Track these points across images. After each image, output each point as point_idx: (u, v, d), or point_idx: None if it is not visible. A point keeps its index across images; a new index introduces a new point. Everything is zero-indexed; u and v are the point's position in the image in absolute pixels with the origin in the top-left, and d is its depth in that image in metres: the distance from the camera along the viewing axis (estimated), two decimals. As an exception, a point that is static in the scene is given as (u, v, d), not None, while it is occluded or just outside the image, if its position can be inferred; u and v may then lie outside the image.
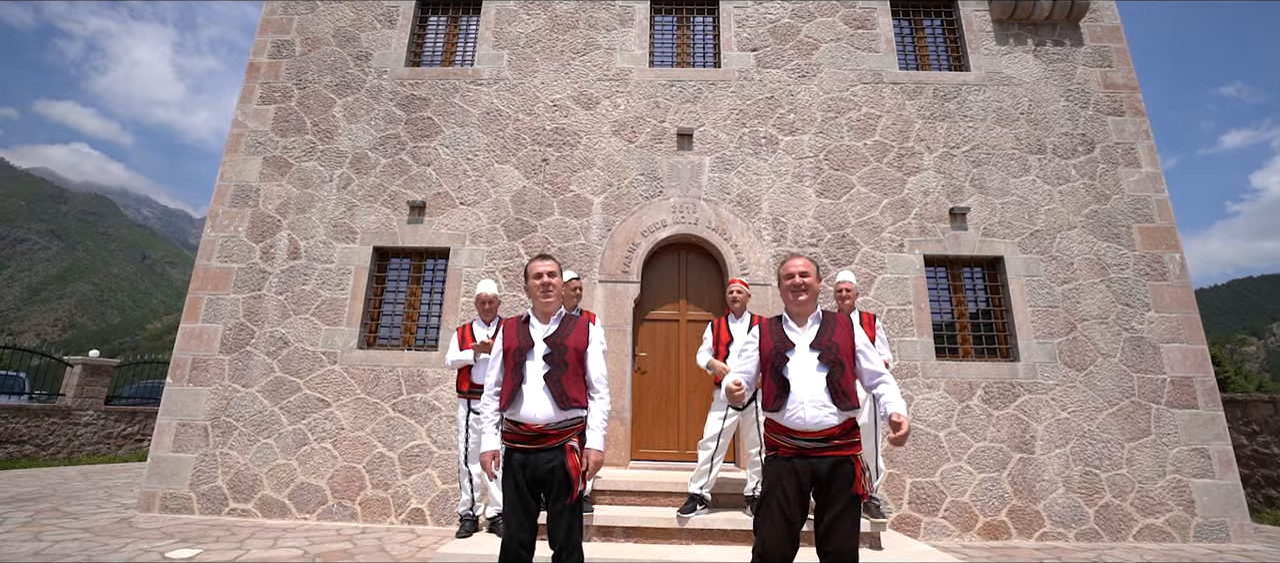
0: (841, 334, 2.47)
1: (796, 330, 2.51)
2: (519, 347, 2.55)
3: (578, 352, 2.57)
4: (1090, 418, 5.24)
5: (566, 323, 2.65)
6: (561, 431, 2.47)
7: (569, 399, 2.48)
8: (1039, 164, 5.96)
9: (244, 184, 6.06)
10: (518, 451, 2.48)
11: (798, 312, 2.54)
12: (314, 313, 5.64)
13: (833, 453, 2.31)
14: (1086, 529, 4.99)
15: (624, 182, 5.93)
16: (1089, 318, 5.50)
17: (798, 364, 2.40)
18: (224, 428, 5.37)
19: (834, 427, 2.32)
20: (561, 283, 2.67)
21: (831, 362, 2.38)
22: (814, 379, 2.36)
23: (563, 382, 2.49)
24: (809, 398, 2.33)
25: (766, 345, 2.51)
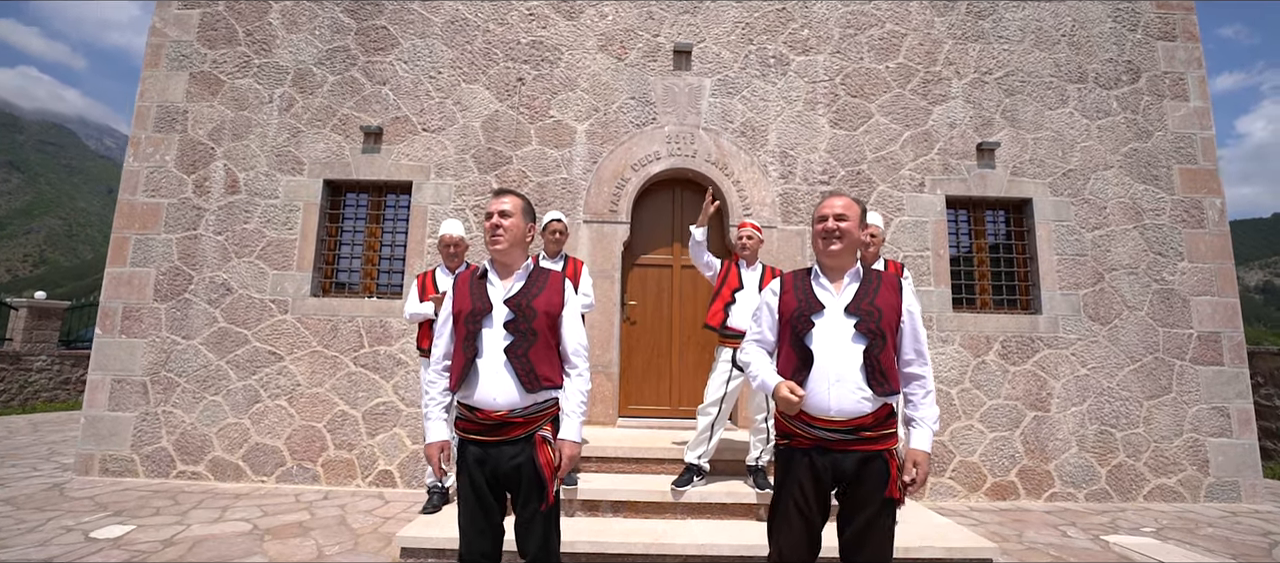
0: (886, 296, 1.93)
1: (829, 289, 1.96)
2: (473, 310, 1.97)
3: (549, 316, 1.99)
4: (1110, 375, 4.90)
5: (536, 279, 2.06)
6: (530, 418, 1.94)
7: (538, 378, 1.94)
8: (1078, 95, 5.31)
9: (169, 105, 5.19)
10: (474, 443, 1.95)
11: (831, 264, 1.98)
12: (259, 255, 4.97)
13: (862, 447, 1.83)
14: (1097, 490, 4.75)
15: (612, 106, 5.18)
16: (1118, 268, 5.05)
17: (827, 332, 1.88)
18: (165, 384, 4.81)
19: (866, 415, 1.83)
20: (520, 225, 2.04)
21: (871, 332, 1.85)
22: (846, 353, 1.84)
23: (530, 356, 1.93)
24: (838, 376, 1.82)
25: (788, 305, 1.97)
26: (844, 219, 1.97)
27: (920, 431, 1.92)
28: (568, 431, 1.99)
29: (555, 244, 3.67)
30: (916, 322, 1.98)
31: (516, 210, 2.05)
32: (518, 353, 1.93)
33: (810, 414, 1.86)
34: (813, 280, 2.01)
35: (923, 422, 1.92)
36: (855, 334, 1.87)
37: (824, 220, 1.98)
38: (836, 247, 1.96)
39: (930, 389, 1.98)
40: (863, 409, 1.83)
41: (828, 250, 1.97)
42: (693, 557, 3.09)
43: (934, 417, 1.95)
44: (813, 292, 1.98)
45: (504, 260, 2.06)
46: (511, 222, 2.03)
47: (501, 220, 2.01)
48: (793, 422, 1.93)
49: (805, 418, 1.88)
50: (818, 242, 2.00)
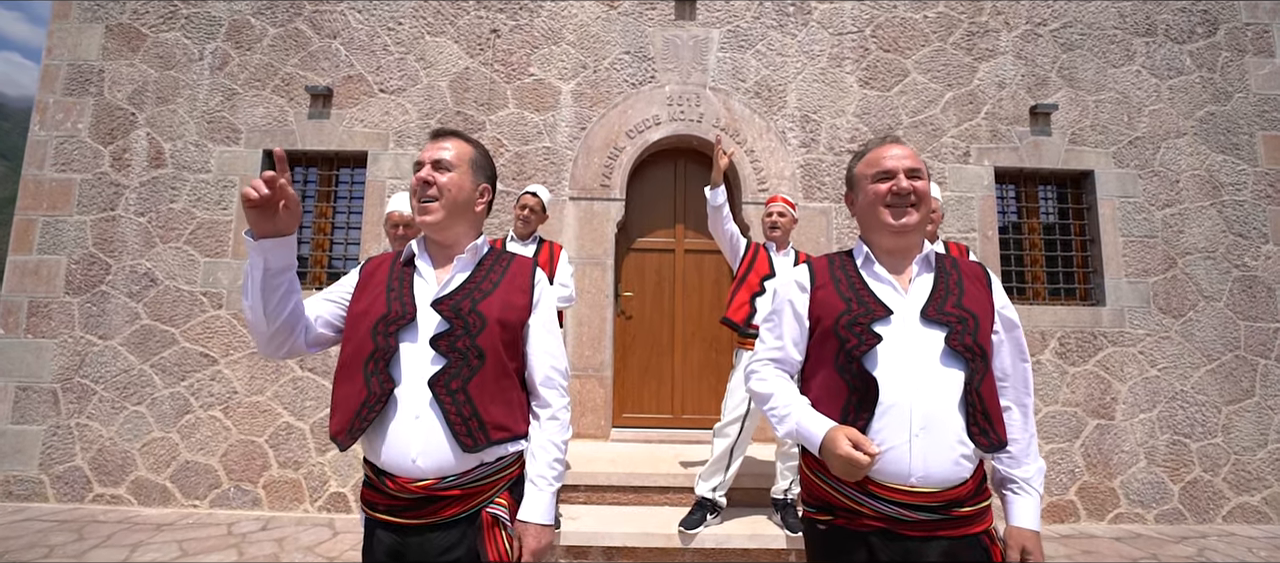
0: (976, 294, 1.28)
1: (890, 282, 1.29)
2: (387, 315, 1.25)
3: (506, 328, 1.28)
4: (1184, 377, 4.22)
5: (488, 269, 1.35)
6: (471, 489, 1.24)
7: (485, 427, 1.23)
8: (1146, 50, 4.55)
9: (81, 63, 4.40)
10: (386, 527, 1.24)
11: (895, 246, 1.31)
12: (188, 240, 4.22)
13: (952, 530, 1.17)
14: (1168, 510, 4.09)
15: (603, 62, 4.40)
16: (1193, 251, 4.34)
17: (901, 351, 1.21)
18: (80, 392, 4.08)
19: (964, 483, 1.18)
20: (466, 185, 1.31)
21: (969, 350, 1.19)
22: (936, 385, 1.18)
23: (472, 391, 1.23)
24: (924, 422, 1.16)
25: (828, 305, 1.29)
26: (918, 177, 1.27)
27: (1027, 499, 1.26)
28: (532, 508, 1.27)
29: (526, 224, 2.93)
30: (1019, 334, 1.31)
31: (462, 160, 1.32)
32: (452, 388, 1.21)
33: (875, 481, 1.19)
34: (865, 270, 1.32)
35: (1028, 486, 1.26)
36: (946, 354, 1.19)
37: (889, 177, 1.27)
38: (912, 218, 1.27)
39: (1034, 433, 1.31)
40: (960, 474, 1.18)
41: (900, 224, 1.27)
42: (706, 623, 2.41)
43: (1042, 475, 1.28)
44: (866, 287, 1.28)
45: (440, 239, 1.34)
46: (452, 180, 1.29)
47: (436, 174, 1.29)
48: (840, 488, 1.23)
49: (869, 487, 1.19)
50: (880, 211, 1.28)
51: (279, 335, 1.21)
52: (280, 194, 1.14)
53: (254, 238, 1.16)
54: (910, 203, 1.26)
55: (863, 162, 1.34)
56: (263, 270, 1.16)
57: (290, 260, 1.21)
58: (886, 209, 1.27)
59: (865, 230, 1.36)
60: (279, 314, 1.20)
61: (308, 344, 1.28)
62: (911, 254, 1.31)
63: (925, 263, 1.31)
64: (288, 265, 1.20)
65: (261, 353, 1.26)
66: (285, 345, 1.24)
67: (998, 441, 1.20)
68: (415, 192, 1.30)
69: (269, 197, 1.12)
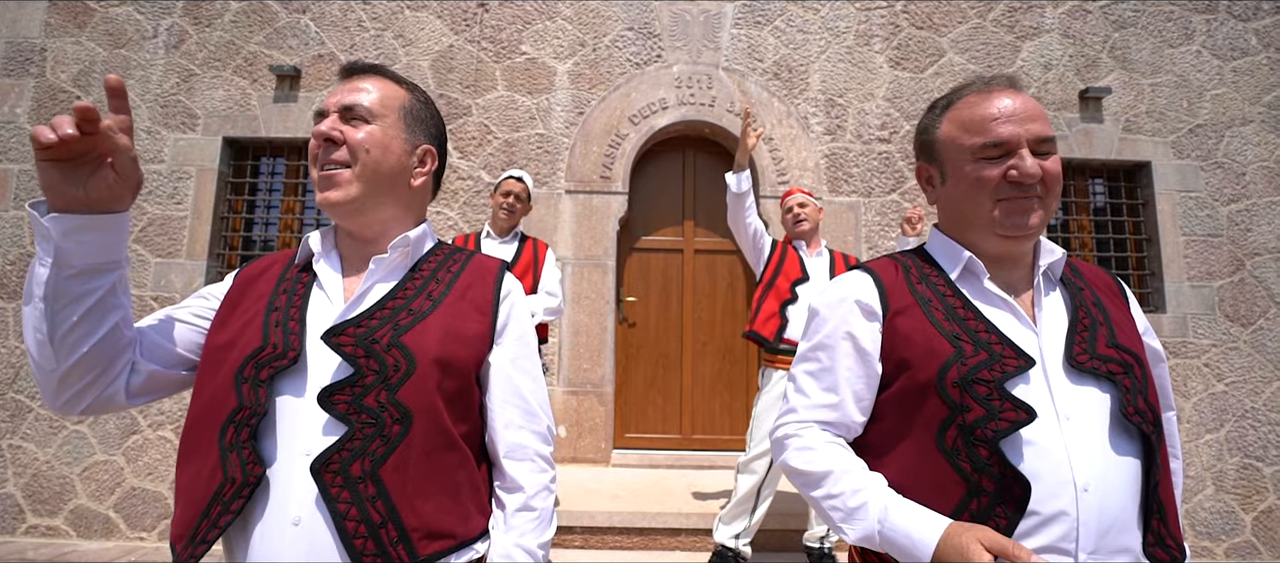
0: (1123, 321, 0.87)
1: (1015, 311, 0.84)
2: (258, 351, 0.78)
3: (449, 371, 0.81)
4: (1255, 393, 3.76)
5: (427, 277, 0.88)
6: None
7: (409, 536, 0.76)
8: (1207, 28, 4.10)
9: (21, 40, 3.94)
10: None
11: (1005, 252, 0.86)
12: (138, 239, 3.76)
13: None
14: (1240, 543, 3.64)
15: (603, 39, 3.94)
16: (1263, 252, 3.89)
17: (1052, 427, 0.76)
18: (14, 410, 3.62)
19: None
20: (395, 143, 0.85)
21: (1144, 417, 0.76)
22: (1112, 479, 0.74)
23: (387, 479, 0.75)
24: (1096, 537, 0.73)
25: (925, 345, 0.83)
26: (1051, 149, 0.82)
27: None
28: None
29: (511, 215, 2.47)
30: (1165, 371, 0.91)
31: (389, 107, 0.86)
32: (352, 474, 0.74)
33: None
34: (964, 286, 0.87)
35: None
36: (1117, 426, 0.76)
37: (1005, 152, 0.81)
38: (1037, 219, 0.82)
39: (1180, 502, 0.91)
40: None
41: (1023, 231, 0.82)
42: None
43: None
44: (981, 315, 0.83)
45: (356, 230, 0.88)
46: (372, 136, 0.83)
47: (345, 127, 0.82)
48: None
49: None
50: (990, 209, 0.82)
51: (75, 377, 0.75)
52: (101, 140, 0.68)
53: (44, 211, 0.70)
54: (1037, 195, 0.80)
55: (954, 118, 0.86)
56: (54, 268, 0.70)
57: (112, 256, 0.74)
58: (1000, 204, 0.81)
59: (957, 225, 0.89)
60: (79, 345, 0.73)
61: (129, 394, 0.80)
62: (1027, 259, 0.87)
63: (1047, 275, 0.87)
64: (105, 264, 0.74)
65: (47, 404, 0.78)
66: (87, 396, 0.77)
67: (1178, 550, 0.76)
68: (315, 156, 0.84)
69: (74, 141, 0.66)
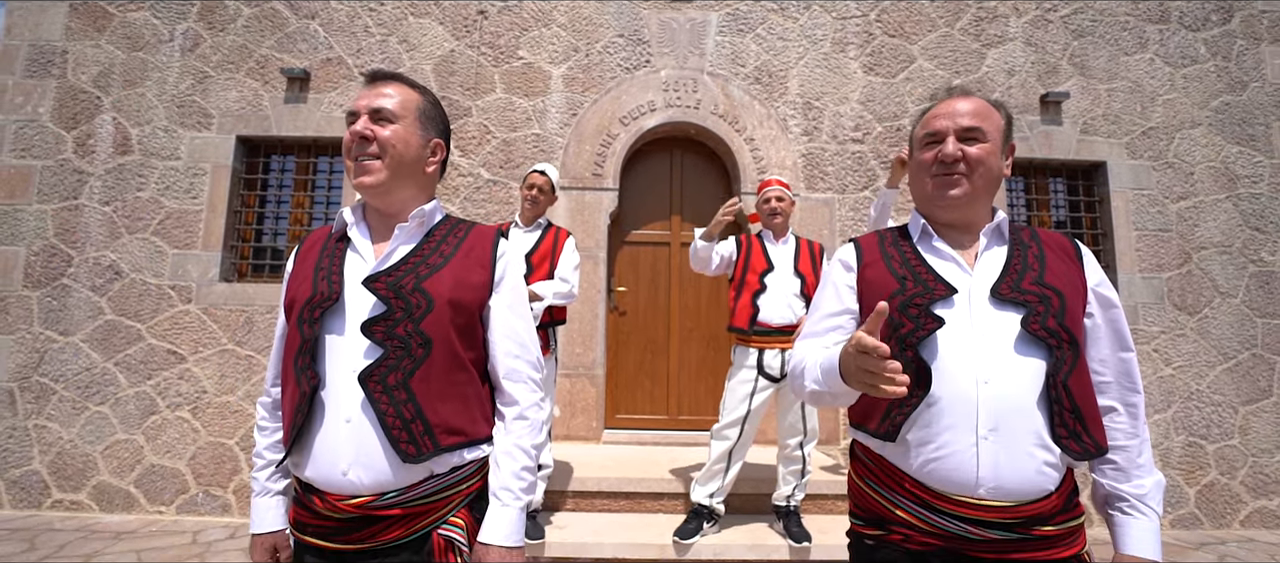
0: (1061, 270, 1.07)
1: (954, 258, 1.10)
2: (312, 298, 1.05)
3: (459, 309, 1.07)
4: (1200, 376, 4.05)
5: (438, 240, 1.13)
6: (417, 507, 1.03)
7: (434, 431, 1.02)
8: (1160, 37, 4.39)
9: (43, 44, 4.16)
10: (314, 553, 1.03)
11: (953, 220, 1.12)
12: (156, 231, 3.98)
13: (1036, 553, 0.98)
14: (1185, 514, 3.93)
15: (595, 46, 4.19)
16: (1208, 246, 4.18)
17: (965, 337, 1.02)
18: (38, 392, 3.84)
19: (1048, 496, 0.98)
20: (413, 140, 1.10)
21: (1053, 335, 0.99)
22: (1010, 377, 0.98)
23: (415, 388, 1.02)
24: (994, 422, 0.97)
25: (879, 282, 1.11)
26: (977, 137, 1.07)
27: (1141, 521, 1.03)
28: (495, 528, 1.05)
29: (535, 206, 2.69)
30: (1118, 315, 1.08)
31: (408, 109, 1.09)
32: (389, 383, 1.00)
33: (935, 490, 1.00)
34: (920, 244, 1.12)
35: (1142, 504, 1.03)
36: (1022, 339, 0.99)
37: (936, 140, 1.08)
38: (961, 190, 1.06)
39: (1147, 440, 1.08)
40: (1043, 485, 0.97)
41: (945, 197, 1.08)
42: (704, 644, 2.21)
43: (1160, 491, 1.05)
44: (924, 262, 1.09)
45: (383, 207, 1.12)
46: (396, 133, 1.07)
47: (375, 126, 1.06)
48: (893, 497, 1.05)
49: (923, 493, 1.01)
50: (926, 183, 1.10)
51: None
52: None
53: None
54: (959, 172, 1.06)
55: (919, 121, 1.16)
56: None
57: None
58: (932, 180, 1.08)
59: (916, 200, 1.17)
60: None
61: None
62: (978, 226, 1.11)
63: (996, 234, 1.11)
64: None
65: None
66: None
67: (1094, 446, 0.98)
68: (350, 150, 1.09)
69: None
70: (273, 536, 1.12)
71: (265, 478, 1.15)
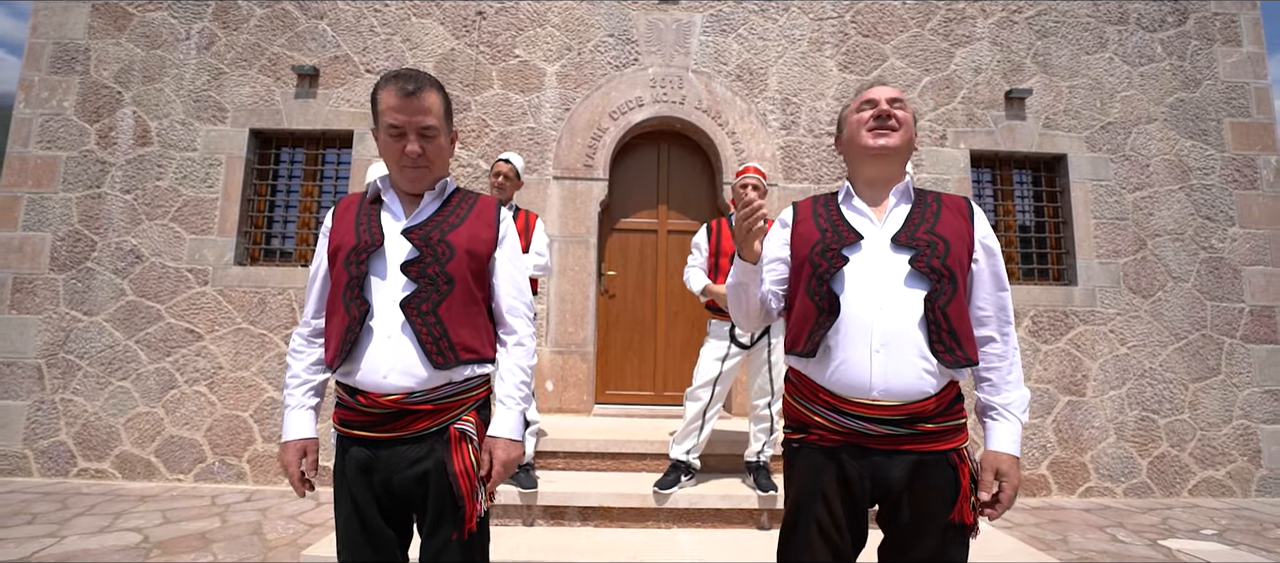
0: (952, 222, 1.31)
1: (867, 214, 1.35)
2: (357, 246, 1.31)
3: (474, 256, 1.35)
4: (1153, 355, 4.33)
5: (455, 204, 1.41)
6: (441, 405, 1.31)
7: (454, 347, 1.30)
8: (1119, 38, 4.67)
9: (67, 42, 4.42)
10: (359, 443, 1.31)
11: (877, 174, 1.36)
12: (174, 218, 4.24)
13: (919, 445, 1.23)
14: (1137, 484, 4.20)
15: (587, 45, 4.47)
16: (1162, 233, 4.46)
17: (866, 273, 1.27)
18: (64, 368, 4.10)
19: (928, 399, 1.22)
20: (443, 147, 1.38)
21: (935, 271, 1.24)
22: (897, 304, 1.24)
23: (442, 313, 1.29)
24: (884, 338, 1.22)
25: (806, 234, 1.36)
26: (901, 106, 1.33)
27: (1005, 424, 1.28)
28: (501, 425, 1.34)
29: (501, 192, 2.98)
30: (998, 263, 1.33)
31: (440, 118, 1.35)
32: (422, 309, 1.28)
33: (839, 394, 1.25)
34: (844, 205, 1.38)
35: (1007, 411, 1.29)
36: (910, 275, 1.25)
37: (872, 104, 1.34)
38: (890, 140, 1.32)
39: (1016, 362, 1.33)
40: (923, 389, 1.22)
41: (880, 150, 1.32)
42: (678, 577, 2.48)
43: (1023, 403, 1.30)
44: (843, 217, 1.35)
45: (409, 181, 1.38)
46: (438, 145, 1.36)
47: (425, 145, 1.32)
48: (813, 405, 1.30)
49: (832, 400, 1.26)
50: (862, 136, 1.34)
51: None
52: None
53: None
54: (891, 125, 1.31)
55: (848, 107, 1.41)
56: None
57: None
58: (867, 132, 1.33)
59: (850, 162, 1.41)
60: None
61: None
62: (891, 184, 1.36)
63: (903, 194, 1.36)
64: None
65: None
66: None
67: (965, 358, 1.22)
68: (401, 161, 1.33)
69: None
70: (304, 441, 1.38)
71: (300, 395, 1.41)
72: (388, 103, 1.30)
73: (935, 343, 1.22)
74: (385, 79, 1.33)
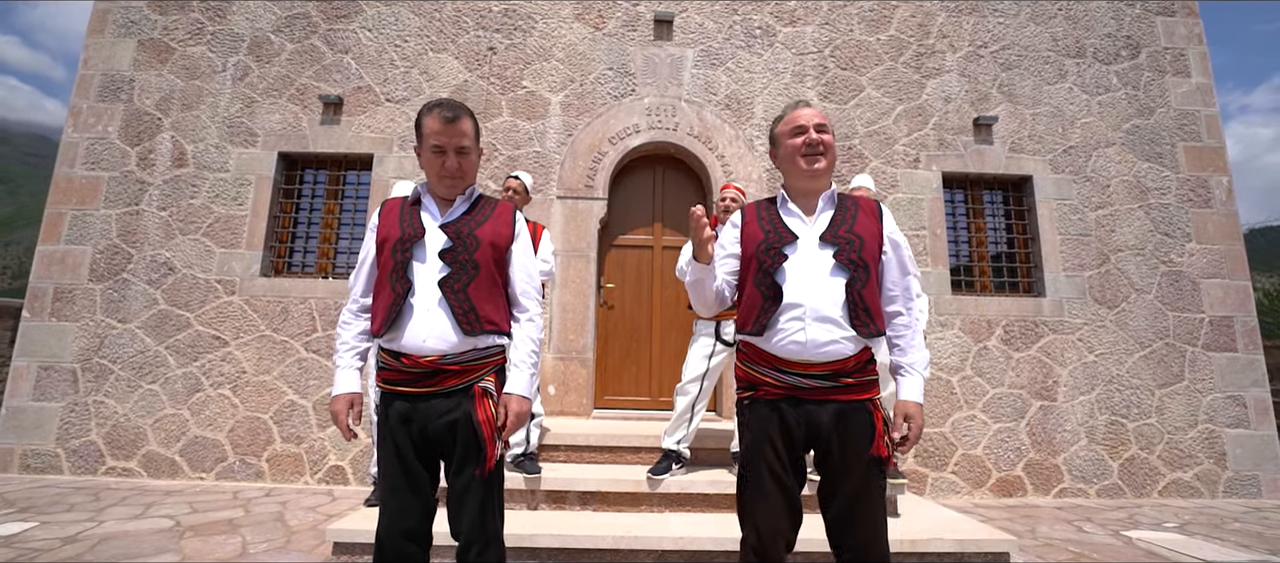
0: (866, 223, 1.64)
1: (800, 217, 1.66)
2: (402, 237, 1.63)
3: (495, 248, 1.68)
4: (1120, 362, 4.60)
5: (480, 207, 1.74)
6: (468, 366, 1.61)
7: (479, 319, 1.61)
8: (1077, 70, 5.08)
9: (114, 73, 4.84)
10: (400, 397, 1.61)
11: (808, 187, 1.67)
12: (206, 233, 4.59)
13: (841, 396, 1.54)
14: (1109, 485, 4.42)
15: (588, 77, 4.88)
16: (1124, 249, 4.78)
17: (800, 265, 1.58)
18: (97, 372, 4.38)
19: (847, 358, 1.54)
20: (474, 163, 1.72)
21: (852, 263, 1.56)
22: (824, 287, 1.55)
23: (470, 292, 1.61)
24: (815, 314, 1.53)
25: (752, 236, 1.67)
26: (826, 131, 1.66)
27: (910, 379, 1.62)
28: (515, 384, 1.65)
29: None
30: (903, 253, 1.68)
31: (472, 139, 1.69)
32: (455, 287, 1.60)
33: (781, 357, 1.56)
34: (780, 209, 1.70)
35: (912, 368, 1.62)
36: (835, 266, 1.57)
37: (803, 131, 1.66)
38: (822, 163, 1.64)
39: (918, 330, 1.68)
40: (844, 351, 1.54)
41: (813, 171, 1.64)
42: (670, 551, 2.72)
43: (925, 362, 1.64)
44: (781, 221, 1.66)
45: (446, 190, 1.72)
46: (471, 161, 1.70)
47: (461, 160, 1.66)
48: (759, 367, 1.61)
49: (775, 362, 1.57)
50: (794, 159, 1.66)
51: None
52: None
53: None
54: (819, 152, 1.64)
55: (781, 123, 1.72)
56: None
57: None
58: (802, 158, 1.65)
59: (785, 175, 1.73)
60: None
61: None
62: (819, 194, 1.69)
63: (829, 200, 1.68)
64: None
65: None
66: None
67: (876, 330, 1.56)
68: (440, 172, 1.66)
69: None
70: (351, 394, 1.68)
71: (349, 358, 1.71)
72: (431, 127, 1.63)
73: (853, 318, 1.54)
74: (428, 107, 1.66)
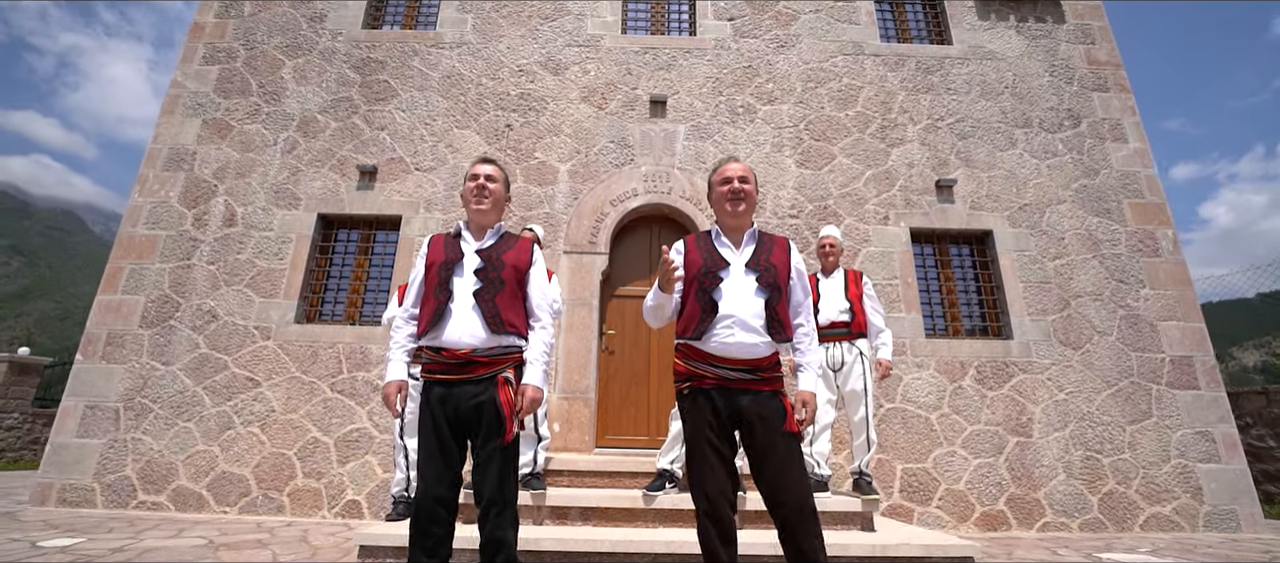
0: (779, 256, 2.14)
1: (730, 248, 2.15)
2: (446, 260, 2.15)
3: (517, 270, 2.18)
4: (1089, 399, 4.90)
5: (506, 239, 2.27)
6: (493, 358, 2.06)
7: (503, 322, 2.09)
8: (1026, 138, 5.73)
9: (179, 147, 5.56)
10: (438, 383, 2.05)
11: (734, 225, 2.17)
12: (248, 284, 5.10)
13: (758, 386, 2.00)
14: (1090, 519, 4.59)
15: (593, 149, 5.56)
16: (1083, 294, 5.21)
17: (732, 286, 2.05)
18: (138, 410, 4.76)
19: (763, 357, 2.02)
20: (502, 192, 2.28)
21: (769, 285, 2.05)
22: (749, 303, 2.03)
23: (497, 301, 2.10)
24: (742, 322, 2.00)
25: (694, 262, 2.13)
26: (747, 182, 2.18)
27: (807, 373, 2.11)
28: (531, 375, 2.11)
29: None
30: (804, 279, 2.19)
31: (499, 179, 2.26)
32: (485, 298, 2.09)
33: (716, 355, 2.00)
34: (715, 241, 2.19)
35: (808, 366, 2.12)
36: (757, 287, 2.05)
37: (729, 183, 2.17)
38: (743, 207, 2.15)
39: (814, 336, 2.18)
40: (761, 352, 2.01)
41: (736, 212, 2.15)
42: (662, 555, 2.98)
43: (818, 361, 2.21)
44: (716, 250, 2.15)
45: (482, 222, 2.24)
46: (496, 188, 2.24)
47: (488, 184, 2.22)
48: (695, 363, 2.05)
49: (710, 359, 2.01)
50: (723, 203, 2.17)
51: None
52: None
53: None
54: (741, 198, 2.15)
55: (714, 174, 2.24)
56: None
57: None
58: (729, 203, 2.16)
59: (717, 216, 2.23)
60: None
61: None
62: (744, 230, 2.19)
63: (752, 236, 2.19)
64: None
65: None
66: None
67: (786, 336, 2.05)
68: (472, 193, 2.22)
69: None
70: (400, 381, 2.11)
71: (400, 353, 2.15)
72: (473, 171, 2.24)
73: (769, 327, 2.03)
74: (475, 161, 2.28)
